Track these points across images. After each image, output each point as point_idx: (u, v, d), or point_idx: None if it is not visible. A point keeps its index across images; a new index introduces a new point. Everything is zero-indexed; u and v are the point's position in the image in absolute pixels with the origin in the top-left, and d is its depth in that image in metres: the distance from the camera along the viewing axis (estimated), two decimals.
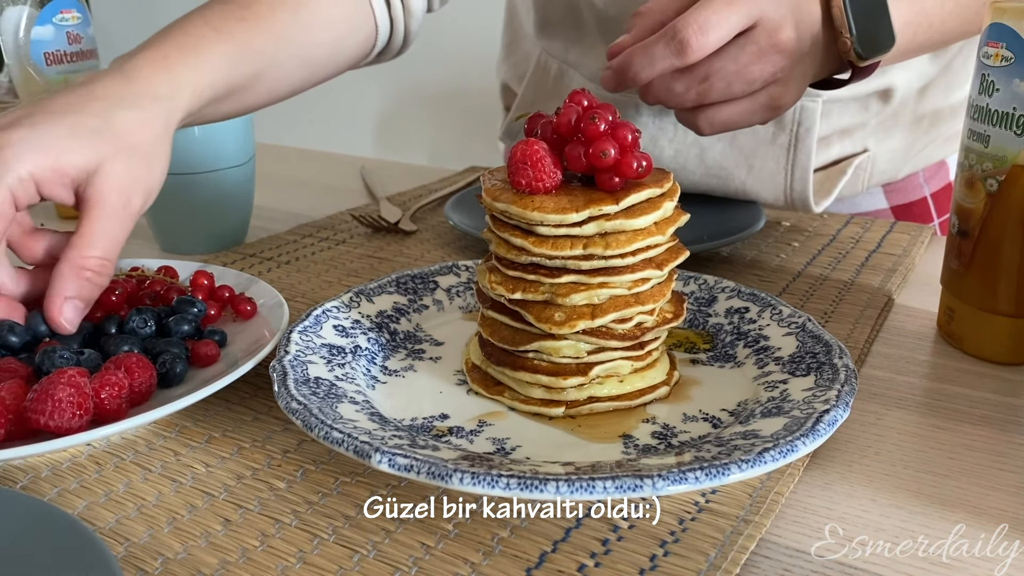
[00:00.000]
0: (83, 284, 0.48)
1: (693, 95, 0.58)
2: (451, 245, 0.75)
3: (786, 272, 0.66)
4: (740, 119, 0.59)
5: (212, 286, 0.57)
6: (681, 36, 0.54)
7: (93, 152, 0.48)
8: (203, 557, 0.36)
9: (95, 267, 0.48)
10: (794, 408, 0.41)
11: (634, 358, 0.46)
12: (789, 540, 0.37)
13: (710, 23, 0.54)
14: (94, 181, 0.48)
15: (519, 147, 0.43)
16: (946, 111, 0.84)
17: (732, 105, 0.59)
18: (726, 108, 0.59)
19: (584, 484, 0.34)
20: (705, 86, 0.57)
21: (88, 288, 0.48)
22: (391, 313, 0.54)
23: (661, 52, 0.55)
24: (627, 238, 0.43)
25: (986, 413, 0.46)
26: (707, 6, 0.55)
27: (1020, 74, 0.47)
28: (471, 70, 1.82)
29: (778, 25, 0.56)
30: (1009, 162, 0.48)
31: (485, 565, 0.35)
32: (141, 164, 0.50)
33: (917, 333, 0.56)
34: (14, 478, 0.41)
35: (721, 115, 0.59)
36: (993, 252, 0.50)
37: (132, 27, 2.67)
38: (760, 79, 0.57)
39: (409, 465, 0.35)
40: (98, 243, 0.48)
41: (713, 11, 0.54)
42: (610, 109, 0.43)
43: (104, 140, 0.49)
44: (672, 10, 0.58)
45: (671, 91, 0.58)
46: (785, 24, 0.56)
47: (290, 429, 0.45)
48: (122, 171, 0.49)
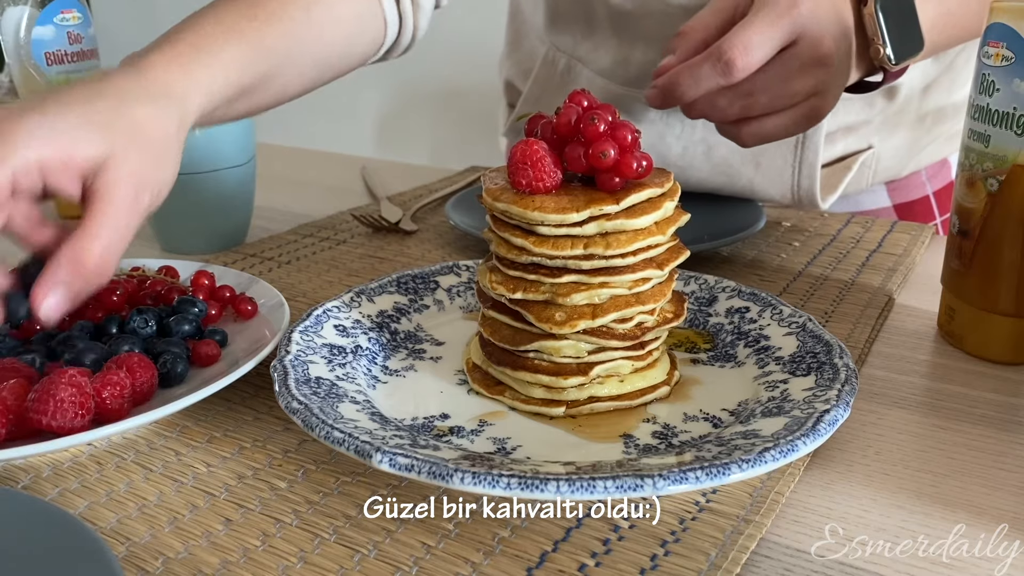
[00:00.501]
0: (77, 277, 0.45)
1: (737, 110, 0.59)
2: (452, 245, 0.75)
3: (787, 272, 0.66)
4: (782, 131, 0.60)
5: (213, 286, 0.57)
6: (727, 57, 0.55)
7: (104, 143, 0.47)
8: (204, 557, 0.36)
9: (95, 262, 0.46)
10: (795, 408, 0.41)
11: (635, 358, 0.46)
12: (790, 540, 0.37)
13: (753, 43, 0.55)
14: (103, 173, 0.46)
15: (519, 147, 0.43)
16: (949, 109, 0.85)
17: (774, 118, 0.60)
18: (769, 120, 0.60)
19: (585, 484, 0.34)
20: (749, 101, 0.58)
21: (81, 282, 0.46)
22: (392, 313, 0.54)
23: (707, 72, 0.56)
24: (628, 238, 0.43)
25: (986, 413, 0.46)
26: (750, 26, 0.56)
27: (1020, 74, 0.47)
28: (472, 70, 1.82)
29: (819, 39, 0.57)
30: (1009, 162, 0.48)
31: (486, 565, 0.35)
32: (152, 160, 0.49)
33: (918, 333, 0.56)
34: (15, 478, 0.41)
35: (764, 128, 0.60)
36: (994, 252, 0.50)
37: (133, 27, 2.67)
38: (803, 92, 0.58)
39: (410, 465, 0.35)
40: (102, 237, 0.46)
41: (756, 31, 0.55)
42: (609, 109, 0.43)
43: (116, 132, 0.47)
44: (715, 28, 0.60)
45: (715, 107, 0.59)
46: (826, 37, 0.57)
47: (291, 429, 0.45)
48: (133, 165, 0.47)
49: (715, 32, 0.60)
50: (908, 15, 0.62)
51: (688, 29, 0.61)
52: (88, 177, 0.47)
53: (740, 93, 0.58)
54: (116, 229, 0.47)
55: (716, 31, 0.60)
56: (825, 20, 0.57)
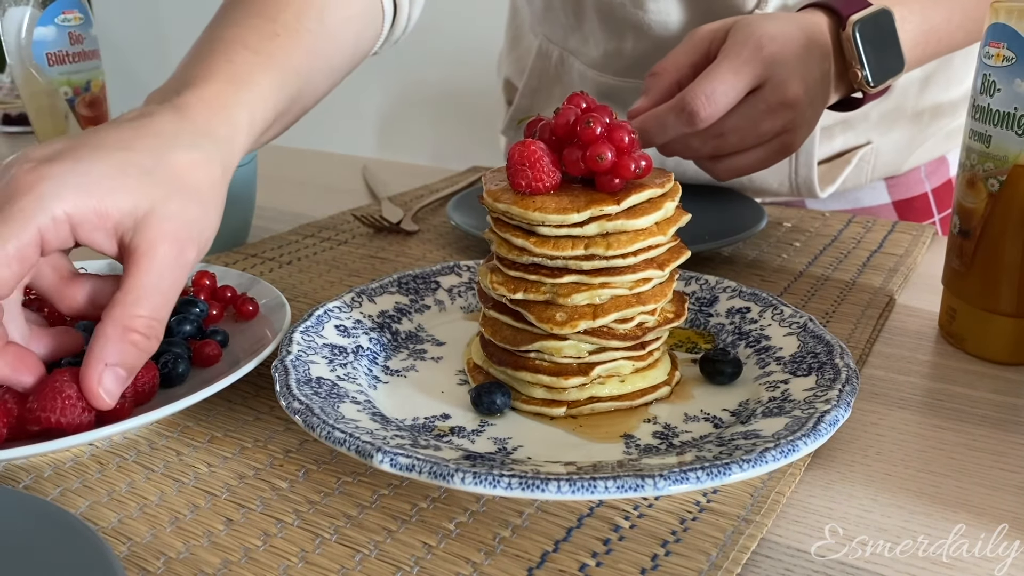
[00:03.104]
0: (128, 349, 0.41)
1: (709, 149, 0.61)
2: (453, 245, 0.75)
3: (787, 272, 0.66)
4: (755, 165, 0.62)
5: (214, 286, 0.57)
6: (690, 107, 0.57)
7: (143, 195, 0.42)
8: (205, 557, 0.36)
9: (143, 329, 0.41)
10: (795, 408, 0.41)
11: (635, 358, 0.46)
12: (790, 540, 0.37)
13: (717, 92, 0.57)
14: (143, 228, 0.41)
15: (516, 148, 0.43)
16: (946, 105, 0.85)
17: (746, 155, 0.62)
18: (741, 157, 0.62)
19: (586, 484, 0.34)
20: (719, 141, 0.60)
21: (134, 354, 0.41)
22: (393, 313, 0.54)
23: (672, 122, 0.58)
24: (628, 238, 0.43)
25: (987, 413, 0.46)
26: (714, 76, 0.57)
27: (1021, 74, 0.47)
28: (473, 70, 1.82)
29: (785, 82, 0.59)
30: (1010, 162, 0.48)
31: (487, 565, 0.35)
32: (197, 210, 0.44)
33: (918, 333, 0.56)
34: (17, 478, 0.41)
35: (737, 164, 0.62)
36: (994, 252, 0.50)
37: (133, 28, 2.67)
38: (771, 132, 0.60)
39: (411, 465, 0.35)
40: (147, 300, 0.41)
41: (720, 80, 0.57)
42: (606, 111, 0.43)
43: (156, 182, 0.43)
44: (686, 67, 0.62)
45: (688, 147, 0.61)
46: (792, 79, 0.59)
47: (292, 429, 0.45)
48: (175, 217, 0.42)
49: (688, 71, 0.62)
50: (888, 37, 0.64)
51: (660, 69, 0.63)
52: (126, 233, 0.42)
53: (711, 134, 0.60)
54: (161, 290, 0.42)
55: (689, 69, 0.62)
56: (792, 62, 0.59)
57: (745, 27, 0.60)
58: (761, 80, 0.58)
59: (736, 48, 0.59)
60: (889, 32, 0.63)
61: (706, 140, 0.60)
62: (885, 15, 0.63)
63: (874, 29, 0.62)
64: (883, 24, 0.63)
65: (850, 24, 0.62)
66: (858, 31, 0.61)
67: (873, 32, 0.62)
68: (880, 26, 0.63)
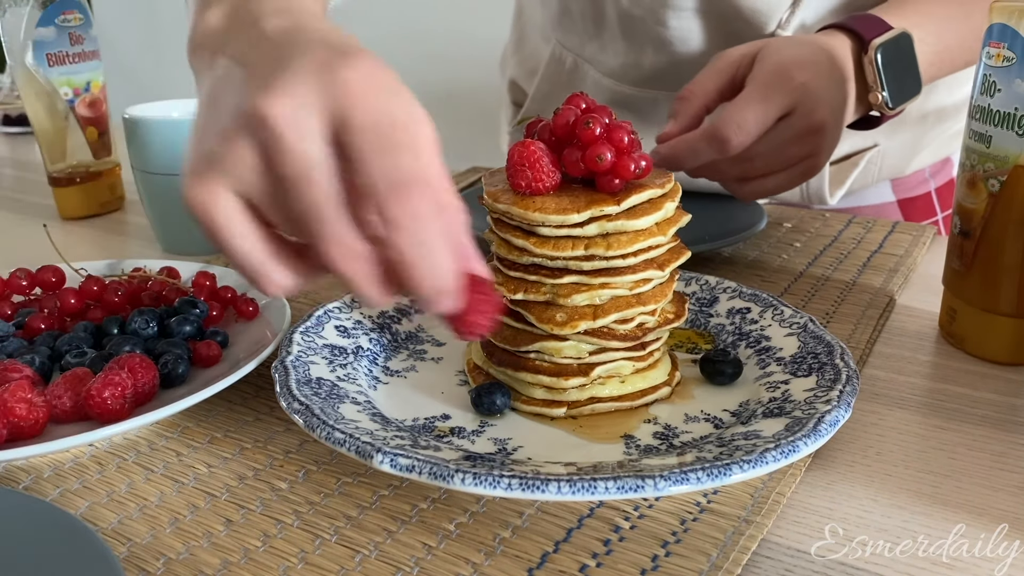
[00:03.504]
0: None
1: (736, 172, 0.62)
2: None
3: (788, 272, 0.66)
4: (780, 187, 0.64)
5: (214, 287, 0.57)
6: (722, 135, 0.58)
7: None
8: (205, 557, 0.36)
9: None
10: (796, 408, 0.41)
11: (636, 358, 0.46)
12: (790, 540, 0.37)
13: (749, 121, 0.58)
14: None
15: (516, 149, 0.43)
16: (950, 108, 0.86)
17: (772, 178, 0.63)
18: (767, 181, 0.63)
19: (586, 484, 0.34)
20: (747, 166, 0.62)
21: None
22: (393, 314, 0.54)
23: (704, 148, 0.59)
24: (628, 239, 0.43)
25: (987, 413, 0.46)
26: (745, 104, 0.58)
27: (1021, 74, 0.47)
28: (473, 70, 1.82)
29: (813, 109, 0.59)
30: (1011, 162, 0.48)
31: (487, 565, 0.35)
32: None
33: (919, 333, 0.56)
34: (17, 479, 0.41)
35: (763, 187, 0.63)
36: (995, 252, 0.50)
37: (133, 28, 2.67)
38: (797, 156, 0.61)
39: (411, 466, 0.35)
40: None
41: (751, 109, 0.58)
42: (606, 111, 0.43)
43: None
44: (714, 92, 0.63)
45: (716, 171, 0.62)
46: (820, 107, 0.60)
47: (292, 430, 0.45)
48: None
49: (715, 96, 0.63)
50: (907, 61, 0.65)
51: (688, 94, 0.63)
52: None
53: (738, 159, 0.60)
54: None
55: (716, 94, 0.63)
56: (820, 89, 0.60)
57: (773, 53, 0.61)
58: (790, 108, 0.59)
59: (765, 76, 0.60)
60: (909, 55, 0.64)
61: (733, 164, 0.61)
62: (905, 38, 0.64)
63: (895, 53, 0.63)
64: (903, 47, 0.64)
65: (872, 48, 0.62)
66: (880, 55, 0.62)
67: (894, 55, 0.63)
68: (901, 49, 0.64)
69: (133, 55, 2.52)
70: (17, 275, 0.57)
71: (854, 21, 0.65)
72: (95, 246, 0.76)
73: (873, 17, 0.65)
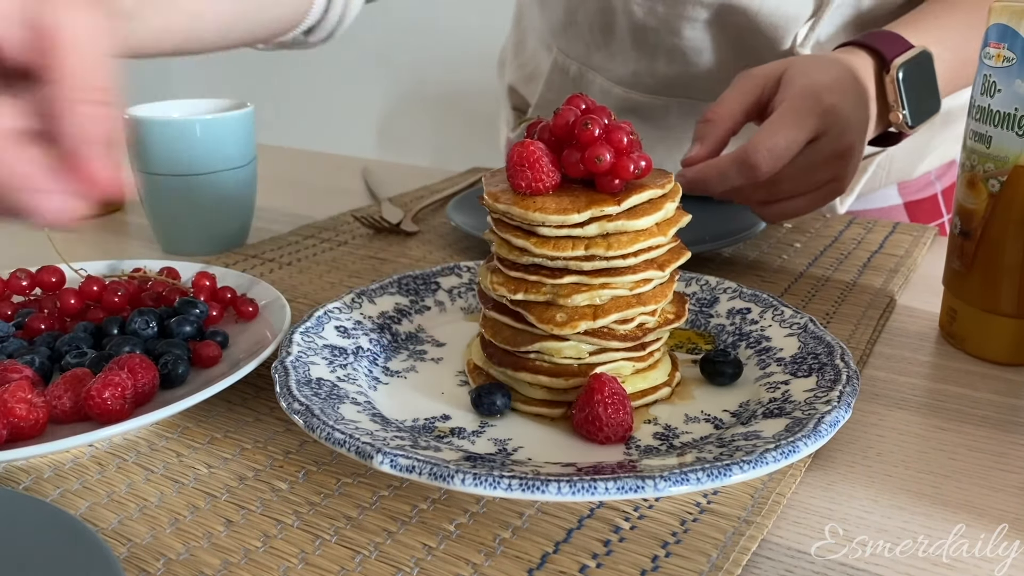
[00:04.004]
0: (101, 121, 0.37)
1: (762, 195, 0.62)
2: (453, 246, 0.75)
3: (788, 273, 0.66)
4: (804, 210, 0.63)
5: (214, 287, 0.57)
6: (752, 161, 0.57)
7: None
8: (205, 558, 0.36)
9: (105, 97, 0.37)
10: (796, 409, 0.41)
11: (636, 359, 0.46)
12: (790, 541, 0.37)
13: (779, 147, 0.57)
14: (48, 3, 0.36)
15: (516, 149, 0.43)
16: (956, 111, 0.86)
17: (797, 200, 0.63)
18: (792, 203, 0.63)
19: (586, 485, 0.34)
20: (773, 188, 0.61)
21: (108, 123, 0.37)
22: (393, 314, 0.54)
23: (734, 174, 0.59)
24: (629, 239, 0.43)
25: (988, 414, 0.46)
26: (776, 130, 0.57)
27: (1021, 75, 0.47)
28: (473, 71, 1.82)
29: (842, 132, 0.59)
30: (1011, 163, 0.48)
31: (487, 566, 0.35)
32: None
33: (919, 334, 0.56)
34: (17, 479, 0.41)
35: (787, 208, 0.63)
36: (995, 253, 0.50)
37: None
38: (824, 180, 0.61)
39: (411, 466, 0.35)
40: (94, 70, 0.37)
41: (783, 136, 0.57)
42: (605, 112, 0.43)
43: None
44: (740, 114, 0.63)
45: (742, 194, 0.62)
46: (848, 130, 0.59)
47: (292, 430, 0.45)
48: None
49: (741, 117, 0.63)
50: (927, 79, 0.64)
51: (715, 116, 0.63)
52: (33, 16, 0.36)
53: (765, 183, 0.60)
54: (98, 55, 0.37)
55: (742, 116, 0.62)
56: (849, 112, 0.59)
57: (801, 76, 0.60)
58: (820, 132, 0.59)
59: (795, 100, 0.59)
60: (928, 73, 0.64)
61: (760, 188, 0.61)
62: (926, 57, 0.63)
63: (915, 71, 0.63)
64: (924, 66, 0.64)
65: (894, 67, 0.62)
66: (901, 74, 0.62)
67: (915, 74, 0.63)
68: (921, 68, 0.64)
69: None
70: (17, 275, 0.57)
71: (875, 39, 0.64)
72: (95, 246, 0.76)
73: (893, 35, 0.64)
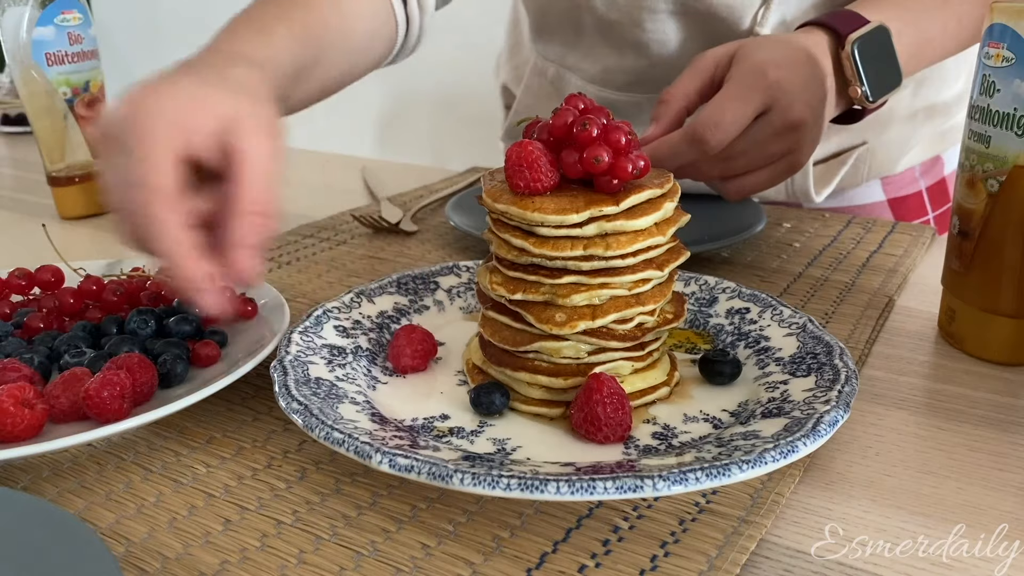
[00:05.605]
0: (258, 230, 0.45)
1: (718, 171, 0.63)
2: (452, 246, 0.75)
3: (787, 273, 0.66)
4: (763, 185, 0.64)
5: None
6: (700, 135, 0.58)
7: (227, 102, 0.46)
8: (203, 557, 0.36)
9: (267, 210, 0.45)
10: (795, 409, 0.41)
11: (635, 359, 0.46)
12: (789, 540, 0.37)
13: (725, 120, 0.58)
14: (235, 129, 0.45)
15: (514, 149, 0.43)
16: (940, 106, 0.86)
17: (754, 175, 0.63)
18: (749, 178, 0.64)
19: (585, 485, 0.34)
20: (728, 164, 0.62)
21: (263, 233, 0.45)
22: (392, 314, 0.54)
23: (684, 149, 0.60)
24: (628, 239, 0.43)
25: (987, 414, 0.46)
26: (722, 104, 0.59)
27: (1021, 75, 0.47)
28: (472, 71, 1.82)
29: (790, 106, 0.60)
30: (1010, 163, 0.48)
31: (485, 566, 0.35)
32: (269, 109, 0.49)
33: (918, 334, 0.56)
34: (15, 478, 0.41)
35: (745, 184, 0.64)
36: (994, 253, 0.50)
37: (133, 28, 2.67)
38: (778, 153, 0.62)
39: (410, 466, 0.35)
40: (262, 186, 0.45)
41: (728, 109, 0.58)
42: (603, 112, 0.43)
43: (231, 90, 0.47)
44: (694, 93, 0.64)
45: (698, 171, 0.63)
46: (796, 103, 0.60)
47: (290, 430, 0.45)
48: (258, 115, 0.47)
49: (695, 97, 0.64)
50: (886, 53, 0.65)
51: (668, 97, 0.64)
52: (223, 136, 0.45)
53: (720, 158, 0.61)
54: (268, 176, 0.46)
55: (696, 96, 0.64)
56: (796, 86, 0.60)
57: (750, 54, 0.61)
58: (767, 105, 0.59)
59: (741, 75, 0.60)
60: (887, 48, 0.64)
61: (715, 164, 0.62)
62: (882, 32, 0.64)
63: (872, 46, 0.64)
64: (881, 41, 0.64)
65: (849, 42, 0.63)
66: (857, 49, 0.62)
67: (871, 49, 0.63)
68: (878, 43, 0.64)
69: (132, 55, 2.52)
70: (16, 275, 0.57)
71: (831, 17, 0.65)
72: (94, 246, 0.76)
73: (850, 13, 0.65)
